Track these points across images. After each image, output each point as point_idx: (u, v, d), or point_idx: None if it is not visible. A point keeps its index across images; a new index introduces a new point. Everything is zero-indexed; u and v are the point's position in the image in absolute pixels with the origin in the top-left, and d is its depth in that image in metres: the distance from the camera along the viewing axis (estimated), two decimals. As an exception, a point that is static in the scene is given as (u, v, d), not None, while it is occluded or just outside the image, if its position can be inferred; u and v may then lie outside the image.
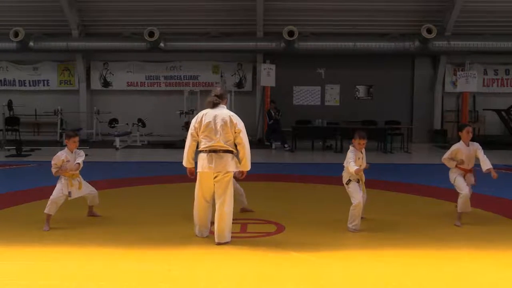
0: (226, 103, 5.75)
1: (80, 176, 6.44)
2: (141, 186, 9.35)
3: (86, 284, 4.42)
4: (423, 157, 14.42)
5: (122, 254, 5.22)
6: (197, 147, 5.58)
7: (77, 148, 6.55)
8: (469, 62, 16.54)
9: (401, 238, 5.80)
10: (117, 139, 15.53)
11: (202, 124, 5.46)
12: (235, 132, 5.45)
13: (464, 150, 6.41)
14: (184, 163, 5.63)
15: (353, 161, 5.98)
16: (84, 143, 15.68)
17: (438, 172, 11.68)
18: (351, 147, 6.16)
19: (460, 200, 6.30)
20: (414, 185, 9.42)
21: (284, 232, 6.11)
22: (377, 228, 6.19)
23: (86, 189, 6.50)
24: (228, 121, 5.43)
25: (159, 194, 8.59)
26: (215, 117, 5.45)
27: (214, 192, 5.56)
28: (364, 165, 6.19)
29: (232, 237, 5.56)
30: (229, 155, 5.47)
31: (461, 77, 16.43)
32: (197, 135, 5.51)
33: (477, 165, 6.43)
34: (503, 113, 16.99)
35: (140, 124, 16.70)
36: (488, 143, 15.94)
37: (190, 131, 5.57)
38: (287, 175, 10.98)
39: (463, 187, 6.33)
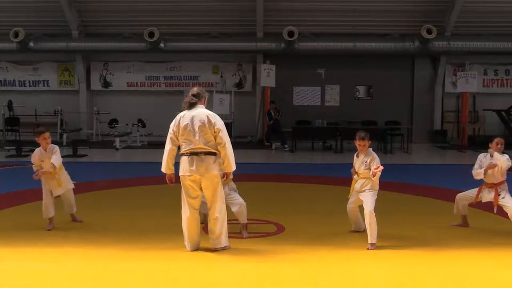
0: (205, 103, 5.42)
1: (61, 173, 6.23)
2: (141, 186, 9.36)
3: (86, 284, 4.43)
4: (423, 158, 14.42)
5: (122, 254, 5.23)
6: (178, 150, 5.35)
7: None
8: (469, 62, 16.52)
9: (400, 238, 5.80)
10: (117, 140, 15.54)
11: (180, 127, 5.21)
12: (214, 132, 5.18)
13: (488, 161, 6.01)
14: (163, 169, 5.33)
15: (354, 166, 5.84)
16: (84, 144, 15.72)
17: (437, 172, 11.73)
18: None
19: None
20: (413, 185, 9.42)
21: (284, 233, 6.12)
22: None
23: (67, 185, 6.28)
24: (206, 121, 5.16)
25: (159, 195, 8.57)
26: (192, 118, 5.19)
27: (201, 198, 5.36)
28: (360, 172, 5.73)
29: (231, 237, 5.53)
30: (211, 157, 5.19)
31: (461, 78, 16.42)
32: (177, 139, 5.26)
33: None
34: (503, 113, 16.99)
35: (140, 124, 16.69)
36: (488, 144, 15.96)
37: (169, 135, 5.31)
38: (287, 175, 10.97)
39: (460, 202, 6.24)
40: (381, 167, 5.45)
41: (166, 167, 5.31)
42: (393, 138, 15.30)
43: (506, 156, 5.86)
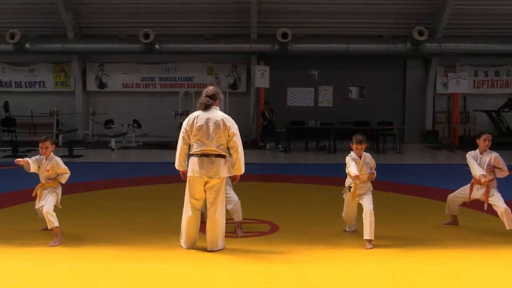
0: (219, 104, 5.39)
1: (51, 188, 5.78)
2: (136, 186, 9.34)
3: (82, 283, 4.40)
4: (415, 158, 14.46)
5: (118, 254, 5.21)
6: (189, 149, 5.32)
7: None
8: (460, 64, 16.61)
9: (393, 237, 5.80)
10: (113, 140, 15.49)
11: (194, 128, 5.16)
12: (228, 136, 5.18)
13: (476, 158, 5.99)
14: (177, 166, 5.35)
15: (354, 166, 5.53)
16: (80, 144, 15.68)
17: (429, 172, 11.77)
18: (352, 153, 5.73)
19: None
20: (406, 185, 9.44)
21: (278, 232, 6.12)
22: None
23: (43, 203, 5.67)
24: (221, 125, 5.15)
25: (155, 195, 8.58)
26: (207, 120, 5.15)
27: (204, 198, 5.30)
28: (364, 175, 5.64)
29: (226, 236, 5.48)
30: (221, 159, 5.19)
31: (452, 79, 16.49)
32: (189, 138, 5.23)
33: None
34: (493, 114, 17.07)
35: (135, 125, 16.66)
36: (476, 139, 15.99)
37: (181, 134, 5.27)
38: (281, 175, 10.99)
39: (452, 203, 6.25)
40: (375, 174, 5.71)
41: (178, 164, 5.33)
42: (385, 138, 15.34)
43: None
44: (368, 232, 5.42)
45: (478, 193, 5.95)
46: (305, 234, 5.98)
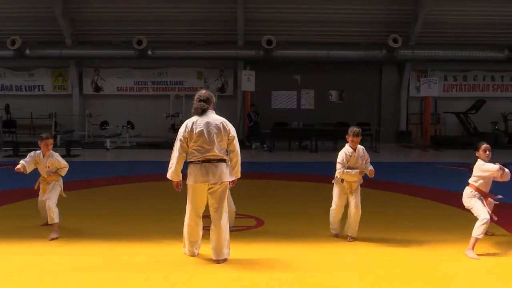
0: (213, 107, 4.90)
1: (54, 181, 5.78)
2: (130, 184, 9.29)
3: (79, 275, 4.38)
4: (391, 156, 14.54)
5: (113, 248, 5.19)
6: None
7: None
8: (431, 69, 16.81)
9: (370, 230, 5.81)
10: (108, 140, 15.40)
11: (194, 134, 4.64)
12: (228, 139, 4.77)
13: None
14: (170, 176, 4.75)
15: (341, 163, 5.35)
16: (77, 144, 15.57)
17: (404, 169, 11.85)
18: (346, 145, 5.48)
19: (479, 226, 4.92)
20: (382, 181, 9.47)
21: (263, 226, 6.14)
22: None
23: (47, 195, 5.68)
24: (221, 128, 4.71)
25: (148, 192, 8.54)
26: (207, 125, 4.68)
27: (206, 205, 4.85)
28: (359, 167, 5.42)
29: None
30: (224, 164, 4.74)
31: (424, 83, 16.63)
32: (187, 146, 4.69)
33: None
34: (461, 115, 17.26)
35: (129, 126, 16.58)
36: (449, 143, 16.17)
37: (178, 142, 4.70)
38: (266, 173, 10.99)
39: (482, 211, 4.99)
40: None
41: (174, 174, 4.74)
42: (363, 138, 15.38)
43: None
44: (353, 229, 5.42)
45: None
46: (288, 228, 6.00)
